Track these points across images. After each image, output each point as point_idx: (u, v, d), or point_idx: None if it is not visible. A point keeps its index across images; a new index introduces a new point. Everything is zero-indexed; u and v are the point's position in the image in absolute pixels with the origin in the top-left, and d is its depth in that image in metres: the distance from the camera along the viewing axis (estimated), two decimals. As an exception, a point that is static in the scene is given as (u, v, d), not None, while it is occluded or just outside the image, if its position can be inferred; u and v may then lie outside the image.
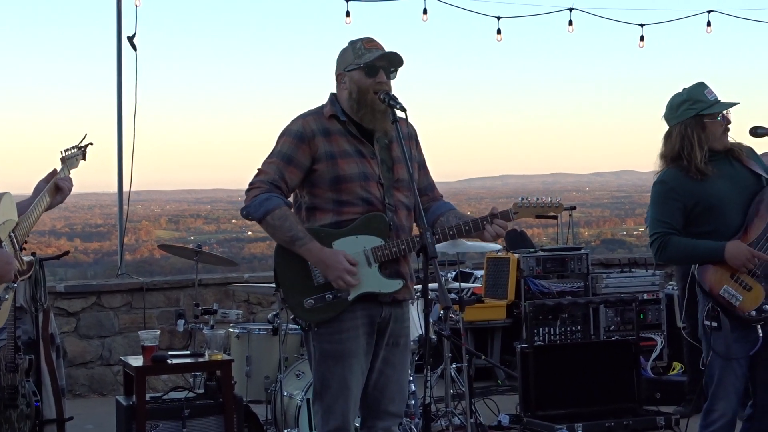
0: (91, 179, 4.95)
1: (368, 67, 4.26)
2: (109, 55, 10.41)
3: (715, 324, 4.80)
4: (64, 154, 4.73)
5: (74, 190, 4.81)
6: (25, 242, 4.46)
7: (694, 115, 4.88)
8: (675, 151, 4.90)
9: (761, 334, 4.77)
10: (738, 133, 5.08)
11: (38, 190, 4.46)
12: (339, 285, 4.16)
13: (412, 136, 4.49)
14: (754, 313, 4.75)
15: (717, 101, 4.90)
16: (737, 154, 4.97)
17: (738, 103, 4.97)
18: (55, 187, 4.42)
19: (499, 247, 9.59)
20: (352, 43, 4.36)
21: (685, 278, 5.60)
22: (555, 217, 4.59)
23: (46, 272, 6.93)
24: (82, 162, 4.85)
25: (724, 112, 4.96)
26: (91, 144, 4.88)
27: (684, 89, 5.00)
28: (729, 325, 4.75)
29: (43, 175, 4.61)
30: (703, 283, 4.84)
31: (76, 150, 4.80)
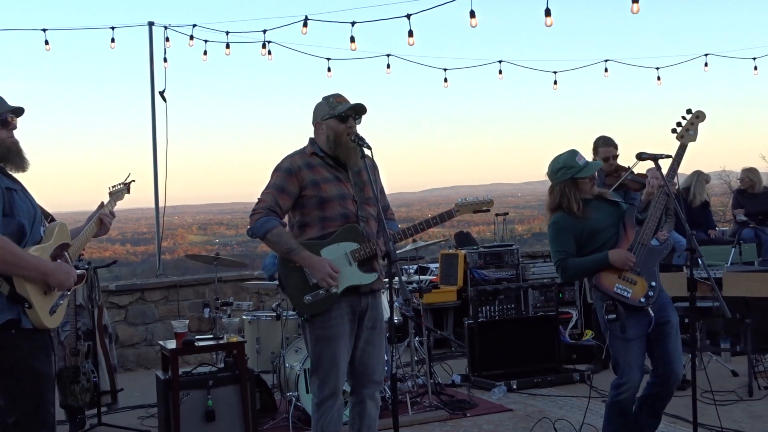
0: (138, 198, 4.95)
1: (340, 116, 4.55)
2: (145, 105, 10.44)
3: (613, 316, 4.91)
4: (111, 189, 4.75)
5: (125, 206, 5.02)
6: (80, 258, 4.42)
7: (569, 179, 5.03)
8: (557, 203, 5.20)
9: (653, 314, 4.93)
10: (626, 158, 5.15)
11: (89, 219, 4.45)
12: (323, 284, 4.39)
13: (374, 167, 4.76)
14: (643, 300, 5.02)
15: (585, 165, 5.17)
16: (601, 194, 5.19)
17: (600, 165, 5.37)
18: (99, 220, 4.40)
19: (448, 242, 9.66)
20: (326, 98, 4.66)
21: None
22: (488, 211, 4.64)
23: (99, 276, 6.88)
24: (126, 194, 4.83)
25: (592, 174, 5.18)
26: (134, 181, 4.90)
27: (560, 156, 5.20)
28: (625, 313, 4.80)
29: (94, 205, 4.58)
30: (600, 286, 5.12)
31: (121, 185, 4.83)
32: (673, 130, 5.09)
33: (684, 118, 5.06)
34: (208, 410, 5.96)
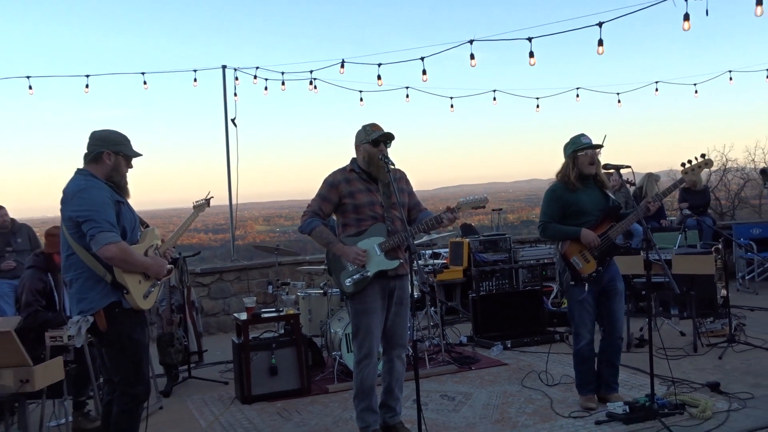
0: (217, 197, 5.03)
1: (374, 142, 4.62)
2: (220, 129, 10.54)
3: (572, 283, 5.10)
4: (195, 203, 4.85)
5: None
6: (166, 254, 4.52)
7: (572, 152, 4.99)
8: (560, 173, 5.20)
9: (586, 289, 5.05)
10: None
11: (181, 227, 4.63)
12: (355, 264, 4.52)
13: (402, 177, 4.84)
14: (585, 276, 5.11)
15: (588, 144, 5.09)
16: (600, 178, 5.20)
17: (601, 146, 5.15)
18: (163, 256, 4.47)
19: (455, 232, 9.65)
20: (364, 127, 4.73)
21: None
22: (484, 207, 4.65)
23: (187, 261, 7.02)
24: (207, 208, 4.96)
25: (590, 151, 5.09)
26: (212, 197, 5.00)
27: (572, 137, 5.16)
28: (574, 280, 5.15)
29: (182, 202, 4.75)
30: (564, 252, 5.17)
31: (203, 201, 4.91)
32: (682, 164, 5.02)
33: (696, 158, 4.93)
34: (271, 366, 6.04)
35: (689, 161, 4.97)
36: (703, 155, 4.93)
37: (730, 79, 12.39)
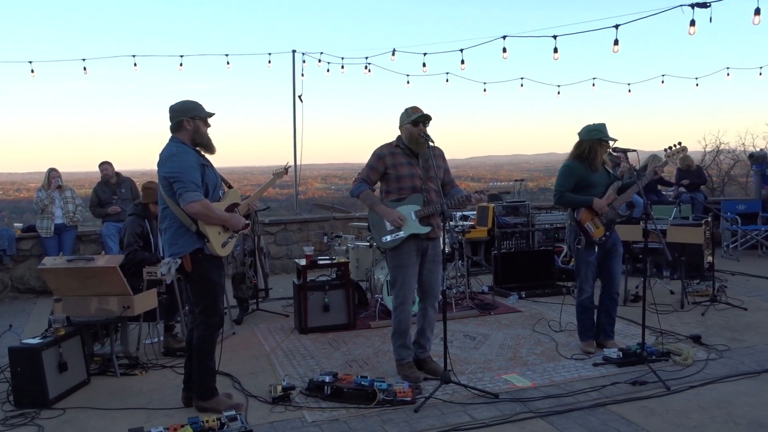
0: (284, 158, 5.08)
1: (414, 122, 4.51)
2: (288, 105, 10.55)
3: (579, 246, 5.06)
4: (275, 171, 4.85)
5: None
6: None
7: (598, 139, 4.89)
8: (580, 153, 5.08)
9: (596, 250, 5.02)
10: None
11: (263, 186, 4.68)
12: (394, 224, 4.47)
13: (440, 155, 4.72)
14: (596, 239, 5.06)
15: (611, 138, 5.00)
16: (605, 163, 5.08)
17: (616, 140, 5.03)
18: (249, 205, 4.53)
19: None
20: (406, 110, 4.61)
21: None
22: (507, 192, 4.60)
23: (258, 215, 7.09)
24: (285, 176, 4.99)
25: (610, 142, 5.03)
26: (290, 166, 4.99)
27: (595, 124, 5.03)
28: (586, 243, 4.98)
29: (255, 163, 4.84)
30: (579, 218, 5.09)
31: (282, 169, 4.90)
32: (665, 149, 4.99)
33: (675, 145, 4.95)
34: (325, 304, 6.06)
35: (671, 147, 5.00)
36: (679, 143, 4.97)
37: (728, 74, 11.97)
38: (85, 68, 10.62)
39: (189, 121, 3.94)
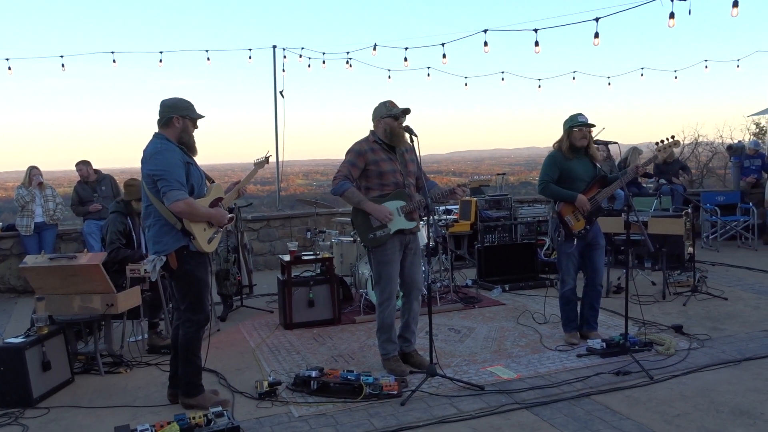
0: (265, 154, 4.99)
1: (395, 116, 4.49)
2: (269, 100, 10.48)
3: (560, 239, 5.07)
4: (255, 161, 4.83)
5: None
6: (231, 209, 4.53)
7: (568, 127, 4.98)
8: (558, 143, 5.12)
9: (575, 242, 5.04)
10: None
11: (245, 179, 4.67)
12: (385, 221, 4.43)
13: (411, 149, 4.64)
14: (575, 232, 5.08)
15: (583, 122, 5.01)
16: (591, 151, 5.12)
17: (593, 125, 5.06)
18: (238, 191, 4.53)
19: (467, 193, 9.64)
20: (383, 103, 4.60)
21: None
22: (488, 185, 4.62)
23: (241, 211, 7.06)
24: (266, 165, 4.96)
25: (584, 128, 5.03)
26: (270, 156, 4.96)
27: (571, 115, 5.08)
28: (566, 235, 5.05)
29: (237, 157, 4.84)
30: (559, 209, 5.12)
31: (263, 159, 4.88)
32: (656, 143, 4.94)
33: (667, 138, 4.91)
34: (309, 300, 6.06)
35: (662, 140, 4.93)
36: (672, 136, 4.90)
37: (706, 67, 12.13)
38: (63, 65, 10.57)
39: (179, 119, 3.92)
